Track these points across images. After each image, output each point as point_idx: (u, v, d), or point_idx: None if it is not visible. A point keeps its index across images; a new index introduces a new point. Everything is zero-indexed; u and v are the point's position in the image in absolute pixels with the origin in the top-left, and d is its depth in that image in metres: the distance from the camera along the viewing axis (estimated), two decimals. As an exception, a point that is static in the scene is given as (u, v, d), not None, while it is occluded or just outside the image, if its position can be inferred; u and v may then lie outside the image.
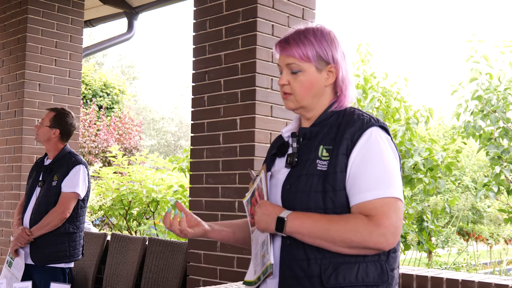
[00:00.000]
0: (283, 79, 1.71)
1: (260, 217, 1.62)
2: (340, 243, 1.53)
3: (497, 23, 63.35)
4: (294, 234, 1.57)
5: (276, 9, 3.75)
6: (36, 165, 3.84)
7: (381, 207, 1.52)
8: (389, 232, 1.51)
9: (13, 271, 3.59)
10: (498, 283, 2.63)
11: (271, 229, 1.61)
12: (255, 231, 1.73)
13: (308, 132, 1.70)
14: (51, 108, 3.80)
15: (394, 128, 7.06)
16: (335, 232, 1.52)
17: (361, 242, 1.51)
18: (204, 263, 3.84)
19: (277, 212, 1.60)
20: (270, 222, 1.60)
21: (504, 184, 6.95)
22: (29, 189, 3.73)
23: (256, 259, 1.71)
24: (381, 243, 1.51)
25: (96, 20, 6.52)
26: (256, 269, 1.69)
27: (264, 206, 1.63)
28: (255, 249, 1.73)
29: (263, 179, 1.69)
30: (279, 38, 1.76)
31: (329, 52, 1.69)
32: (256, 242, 1.72)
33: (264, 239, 1.67)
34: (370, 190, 1.53)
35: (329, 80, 1.71)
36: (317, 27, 1.73)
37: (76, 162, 3.63)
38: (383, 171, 1.56)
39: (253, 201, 1.74)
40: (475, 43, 7.23)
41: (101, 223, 9.29)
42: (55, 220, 3.52)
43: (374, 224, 1.50)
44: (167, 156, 22.31)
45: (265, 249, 1.65)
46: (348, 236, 1.51)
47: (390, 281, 1.61)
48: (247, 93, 3.65)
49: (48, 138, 3.69)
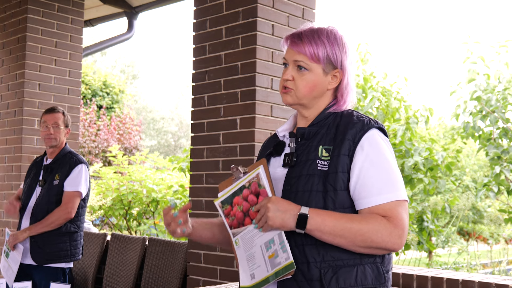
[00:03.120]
0: (288, 74, 1.68)
1: (274, 214, 1.53)
2: (360, 242, 1.52)
3: (493, 23, 63.38)
4: (313, 232, 1.53)
5: (276, 9, 3.75)
6: (35, 164, 3.83)
7: (395, 209, 1.54)
8: (404, 233, 1.54)
9: (10, 262, 3.59)
10: (498, 283, 2.63)
11: (289, 226, 1.54)
12: (244, 232, 1.63)
13: (306, 132, 1.69)
14: (53, 109, 3.74)
15: (394, 128, 7.05)
16: (357, 231, 1.52)
17: (380, 242, 1.52)
18: (204, 263, 3.84)
19: (294, 208, 1.54)
20: (288, 218, 1.53)
21: (504, 184, 6.95)
22: (28, 188, 3.73)
23: (251, 261, 1.62)
24: (398, 244, 1.53)
25: (96, 20, 6.52)
26: (256, 272, 1.61)
27: (278, 202, 1.55)
28: (246, 251, 1.63)
29: (264, 175, 1.60)
30: (281, 38, 1.75)
31: (339, 56, 1.68)
32: (249, 243, 1.62)
33: (270, 238, 1.58)
34: (382, 194, 1.55)
35: (332, 84, 1.70)
36: (330, 29, 1.70)
37: (78, 162, 3.65)
38: (391, 174, 1.58)
39: (237, 200, 1.63)
40: (471, 44, 7.24)
41: (101, 223, 9.28)
42: (60, 219, 3.54)
43: (393, 225, 1.52)
44: (167, 156, 22.30)
45: (274, 249, 1.57)
46: (370, 236, 1.52)
47: (386, 282, 1.62)
48: (247, 93, 3.65)
49: (63, 140, 3.73)
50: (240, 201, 1.63)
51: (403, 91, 7.46)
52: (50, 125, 3.66)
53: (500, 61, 7.26)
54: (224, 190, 1.68)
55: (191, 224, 1.76)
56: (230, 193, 1.66)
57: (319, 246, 1.57)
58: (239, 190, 1.64)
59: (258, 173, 1.61)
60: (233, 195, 1.65)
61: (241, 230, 1.64)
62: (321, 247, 1.57)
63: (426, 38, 61.31)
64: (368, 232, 1.51)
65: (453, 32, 61.99)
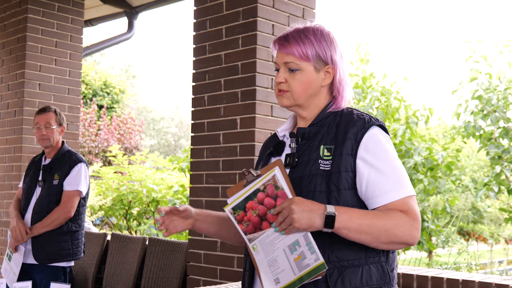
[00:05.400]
0: (280, 76, 1.69)
1: (300, 215, 1.49)
2: (385, 238, 1.53)
3: (496, 22, 63.33)
4: (340, 230, 1.52)
5: (276, 8, 3.75)
6: (34, 164, 3.83)
7: (410, 203, 1.57)
8: (420, 226, 1.57)
9: (12, 265, 3.59)
10: (499, 283, 2.63)
11: (316, 226, 1.51)
12: (262, 237, 1.59)
13: (307, 132, 1.69)
14: (44, 110, 3.72)
15: (394, 128, 7.06)
16: (382, 227, 1.52)
17: (402, 236, 1.54)
18: (204, 263, 3.84)
19: (319, 207, 1.51)
20: (315, 218, 1.50)
21: (505, 184, 6.95)
22: (28, 188, 3.72)
23: (273, 266, 1.58)
24: (416, 237, 1.56)
25: (96, 20, 6.52)
26: (280, 277, 1.56)
27: (302, 203, 1.51)
28: (267, 255, 1.58)
29: (281, 176, 1.56)
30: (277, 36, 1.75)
31: (328, 52, 1.69)
32: (269, 247, 1.58)
33: (294, 240, 1.54)
34: (395, 190, 1.57)
35: (326, 80, 1.71)
36: (316, 26, 1.71)
37: (77, 161, 3.65)
38: (398, 171, 1.60)
39: (250, 204, 1.59)
40: (473, 43, 7.25)
41: (101, 223, 9.28)
42: (60, 218, 3.54)
43: (411, 219, 1.55)
44: (167, 156, 22.31)
45: (300, 251, 1.53)
46: (393, 231, 1.53)
47: (391, 281, 1.62)
48: (247, 93, 3.65)
49: (58, 138, 3.72)
50: (255, 205, 1.59)
51: (403, 91, 7.46)
52: (42, 125, 3.65)
53: (503, 60, 7.27)
54: (235, 196, 1.63)
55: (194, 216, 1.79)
56: (242, 198, 1.61)
57: (325, 247, 1.57)
58: (253, 194, 1.59)
59: (274, 174, 1.57)
60: (246, 200, 1.60)
61: (258, 235, 1.59)
62: (327, 247, 1.57)
63: (427, 37, 61.30)
64: (392, 227, 1.53)
65: (454, 31, 61.99)
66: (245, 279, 1.74)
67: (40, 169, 3.73)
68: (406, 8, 63.77)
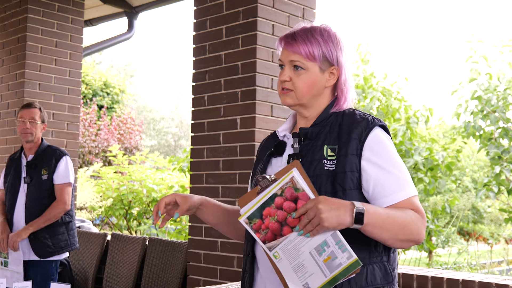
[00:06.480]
0: (285, 75, 1.68)
1: (329, 214, 1.44)
2: (402, 235, 1.54)
3: (496, 23, 63.38)
4: (367, 226, 1.49)
5: (276, 8, 3.75)
6: (13, 162, 3.87)
7: (415, 202, 1.59)
8: (425, 224, 1.60)
9: (12, 268, 3.60)
10: (499, 283, 2.63)
11: (346, 224, 1.47)
12: (284, 243, 1.52)
13: (310, 132, 1.67)
14: (30, 105, 3.79)
15: (394, 128, 7.06)
16: (401, 223, 1.53)
17: (415, 234, 1.55)
18: (204, 263, 3.84)
19: (346, 203, 1.47)
20: (344, 215, 1.46)
21: (505, 184, 6.95)
22: (11, 186, 3.78)
23: (300, 271, 1.52)
24: (423, 235, 1.58)
25: (96, 20, 6.52)
26: (309, 281, 1.51)
27: (328, 201, 1.46)
28: (292, 261, 1.52)
29: (300, 178, 1.51)
30: (282, 35, 1.75)
31: (334, 53, 1.68)
32: (293, 253, 1.52)
33: (321, 242, 1.48)
34: (401, 191, 1.58)
35: (330, 81, 1.70)
36: (323, 27, 1.71)
37: (62, 154, 3.79)
38: (402, 171, 1.61)
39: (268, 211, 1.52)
40: (474, 43, 7.25)
41: (101, 223, 9.29)
42: (61, 212, 3.67)
43: (421, 216, 1.57)
44: (167, 156, 22.30)
45: (330, 251, 1.48)
46: (410, 228, 1.54)
47: (393, 281, 1.62)
48: (247, 93, 3.65)
49: (39, 135, 3.81)
50: (273, 211, 1.51)
51: (403, 91, 7.46)
52: (26, 119, 3.73)
53: (503, 61, 7.27)
54: (248, 205, 1.55)
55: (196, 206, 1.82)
56: (257, 206, 1.53)
57: None
58: (270, 200, 1.52)
59: (293, 176, 1.51)
60: (262, 207, 1.53)
61: (279, 241, 1.52)
62: None
63: (427, 37, 61.34)
64: (409, 224, 1.54)
65: (454, 32, 62.03)
66: (245, 280, 1.73)
67: (23, 166, 3.77)
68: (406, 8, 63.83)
